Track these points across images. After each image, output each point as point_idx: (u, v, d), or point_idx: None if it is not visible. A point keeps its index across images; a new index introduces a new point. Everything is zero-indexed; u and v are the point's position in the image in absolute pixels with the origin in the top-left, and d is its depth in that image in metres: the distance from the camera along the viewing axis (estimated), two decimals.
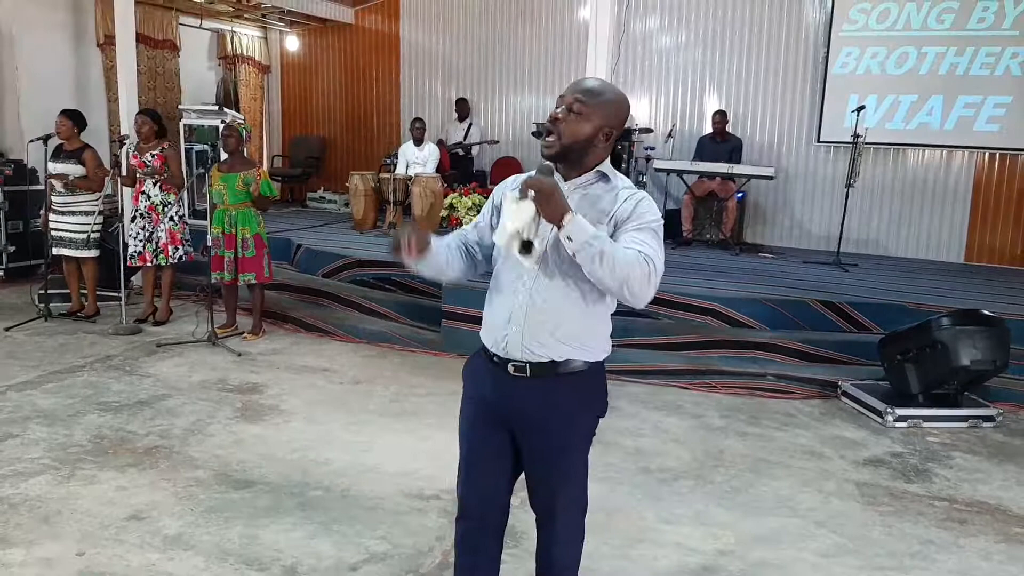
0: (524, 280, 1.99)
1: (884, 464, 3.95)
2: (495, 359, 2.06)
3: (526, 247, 1.87)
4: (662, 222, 1.98)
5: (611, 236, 1.92)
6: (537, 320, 1.98)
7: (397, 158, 8.58)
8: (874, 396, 4.60)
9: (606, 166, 2.04)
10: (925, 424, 4.45)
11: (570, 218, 1.82)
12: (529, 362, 2.00)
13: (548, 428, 2.04)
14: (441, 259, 2.11)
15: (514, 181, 2.07)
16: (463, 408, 2.18)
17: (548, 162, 1.97)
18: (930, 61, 8.00)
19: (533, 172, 1.94)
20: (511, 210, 1.88)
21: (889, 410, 4.43)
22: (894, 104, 8.18)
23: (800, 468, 3.86)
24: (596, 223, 1.91)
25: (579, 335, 2.01)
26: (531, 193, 1.83)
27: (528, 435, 2.07)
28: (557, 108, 1.98)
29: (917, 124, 8.13)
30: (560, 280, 1.96)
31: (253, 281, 5.68)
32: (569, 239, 1.82)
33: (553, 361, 1.99)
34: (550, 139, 1.97)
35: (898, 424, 4.42)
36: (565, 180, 2.01)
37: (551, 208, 1.82)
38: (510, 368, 2.02)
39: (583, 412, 2.08)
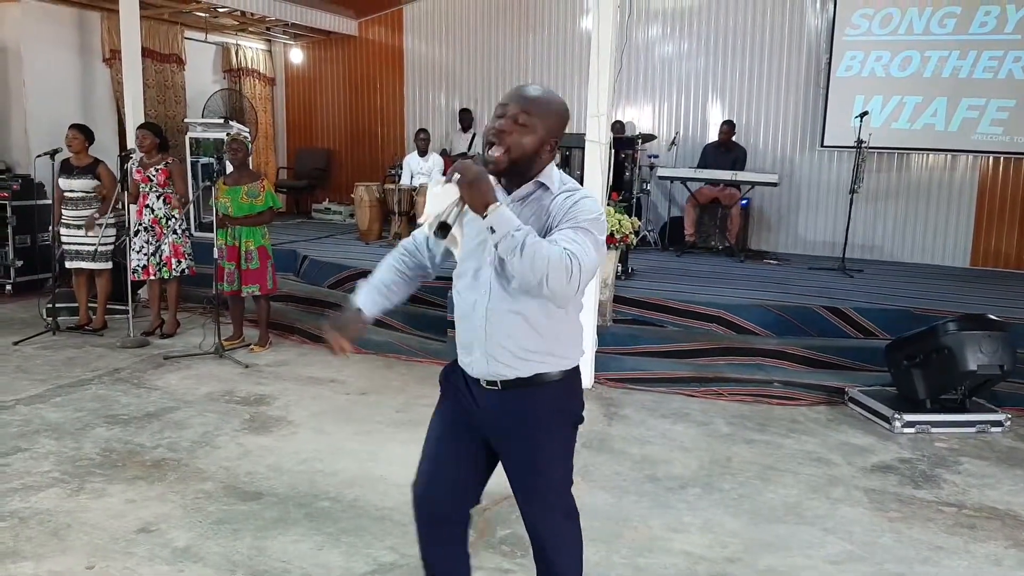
0: (480, 302, 1.97)
1: (892, 470, 3.94)
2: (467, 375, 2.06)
3: (442, 229, 1.82)
4: (602, 221, 1.92)
5: (545, 234, 1.87)
6: (497, 343, 1.95)
7: (401, 169, 8.62)
8: (881, 402, 4.59)
9: (546, 174, 1.98)
10: (933, 430, 4.44)
11: (494, 208, 1.78)
12: (499, 380, 1.99)
13: (523, 436, 2.02)
14: (384, 303, 2.13)
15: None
16: (436, 410, 2.17)
17: (490, 156, 1.90)
18: (933, 64, 8.04)
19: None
20: (434, 192, 1.85)
21: (896, 416, 4.42)
22: (899, 105, 8.22)
23: (808, 475, 3.85)
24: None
25: (544, 349, 1.97)
26: (456, 176, 1.80)
27: (503, 443, 2.06)
28: (499, 117, 1.92)
29: (922, 125, 8.16)
30: (515, 298, 1.92)
31: (257, 293, 5.70)
32: (492, 230, 1.78)
33: (521, 378, 1.98)
34: (496, 153, 1.89)
35: (906, 430, 4.40)
36: (507, 193, 1.98)
37: (475, 195, 1.78)
38: (482, 383, 2.02)
39: (558, 420, 2.05)
